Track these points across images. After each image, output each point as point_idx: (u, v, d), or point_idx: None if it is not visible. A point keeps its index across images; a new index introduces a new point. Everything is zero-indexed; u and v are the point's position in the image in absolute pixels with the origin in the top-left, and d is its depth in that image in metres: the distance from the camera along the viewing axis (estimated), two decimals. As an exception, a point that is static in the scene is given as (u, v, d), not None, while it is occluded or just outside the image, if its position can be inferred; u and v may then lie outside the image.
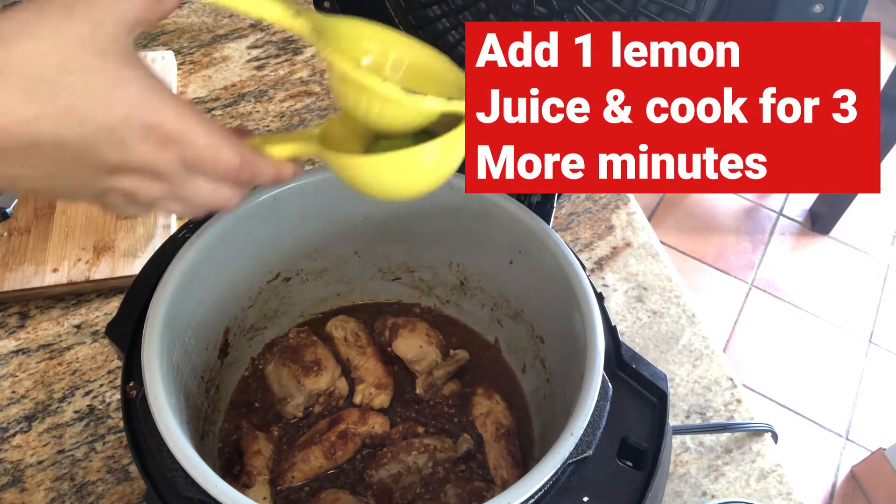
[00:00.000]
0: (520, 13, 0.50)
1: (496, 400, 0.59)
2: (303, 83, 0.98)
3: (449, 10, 0.53)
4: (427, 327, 0.63)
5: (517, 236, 0.55)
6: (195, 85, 0.96)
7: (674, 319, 0.77)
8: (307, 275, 0.62)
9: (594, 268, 0.81)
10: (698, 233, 2.15)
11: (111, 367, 0.68)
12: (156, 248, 0.56)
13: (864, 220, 2.23)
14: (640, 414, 0.46)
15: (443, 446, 0.56)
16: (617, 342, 0.49)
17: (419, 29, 0.55)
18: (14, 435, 0.64)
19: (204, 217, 0.52)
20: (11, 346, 0.69)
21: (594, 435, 0.43)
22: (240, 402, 0.59)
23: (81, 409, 0.66)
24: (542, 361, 0.58)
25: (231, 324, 0.58)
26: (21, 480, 0.61)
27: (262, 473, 0.53)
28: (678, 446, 0.68)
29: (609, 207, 0.88)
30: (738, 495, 0.65)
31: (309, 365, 0.59)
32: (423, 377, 0.60)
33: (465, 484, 0.54)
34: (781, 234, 2.18)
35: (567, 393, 0.49)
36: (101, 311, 0.72)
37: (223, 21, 1.06)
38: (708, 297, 2.00)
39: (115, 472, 0.62)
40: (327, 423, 0.57)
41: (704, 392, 0.72)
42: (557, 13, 0.49)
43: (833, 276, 2.08)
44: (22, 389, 0.66)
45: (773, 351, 1.89)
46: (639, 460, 0.44)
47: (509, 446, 0.56)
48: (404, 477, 0.54)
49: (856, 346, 1.92)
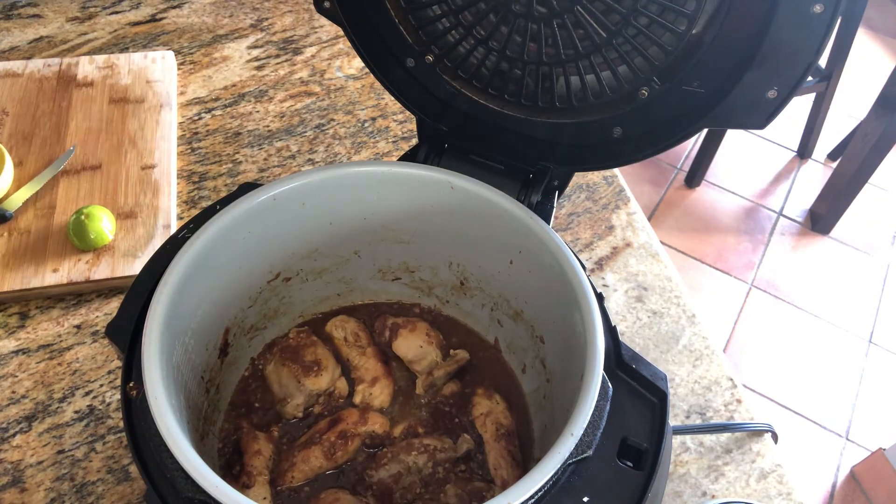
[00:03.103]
0: (520, 13, 0.50)
1: (496, 400, 0.59)
2: (303, 83, 0.98)
3: (449, 10, 0.53)
4: (427, 327, 0.63)
5: (517, 236, 0.55)
6: (195, 85, 0.96)
7: (674, 319, 0.77)
8: (307, 275, 0.62)
9: (594, 268, 0.81)
10: (698, 233, 2.15)
11: (111, 367, 0.68)
12: (156, 248, 0.56)
13: (864, 220, 2.23)
14: (640, 414, 0.46)
15: (443, 446, 0.56)
16: (617, 342, 0.49)
17: (419, 29, 0.55)
18: (14, 435, 0.64)
19: (204, 217, 0.52)
20: (11, 346, 0.69)
21: (594, 435, 0.43)
22: (240, 402, 0.59)
23: (81, 410, 0.66)
24: (542, 361, 0.58)
25: (231, 324, 0.58)
26: (21, 480, 0.61)
27: (262, 473, 0.53)
28: (678, 446, 0.68)
29: (609, 207, 0.88)
30: (738, 495, 0.65)
31: (309, 365, 0.59)
32: (423, 377, 0.60)
33: (465, 484, 0.54)
34: (781, 234, 2.19)
35: (567, 393, 0.49)
36: (101, 311, 0.72)
37: (223, 21, 1.06)
38: (708, 297, 2.00)
39: (115, 472, 0.62)
40: (327, 423, 0.57)
41: (704, 392, 0.72)
42: (558, 13, 0.49)
43: (833, 276, 2.08)
44: (22, 389, 0.66)
45: (773, 351, 1.89)
46: (639, 460, 0.44)
47: (509, 446, 0.56)
48: (404, 477, 0.54)
49: (856, 346, 1.92)
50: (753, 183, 2.32)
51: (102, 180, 0.81)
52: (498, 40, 0.53)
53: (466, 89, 0.57)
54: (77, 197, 0.79)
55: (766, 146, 2.45)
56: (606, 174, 0.92)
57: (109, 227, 0.75)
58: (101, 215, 0.74)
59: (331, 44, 1.04)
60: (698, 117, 0.49)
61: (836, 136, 2.40)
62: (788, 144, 2.45)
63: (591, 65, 0.51)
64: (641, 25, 0.47)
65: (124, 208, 0.78)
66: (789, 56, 0.44)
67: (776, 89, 0.45)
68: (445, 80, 0.57)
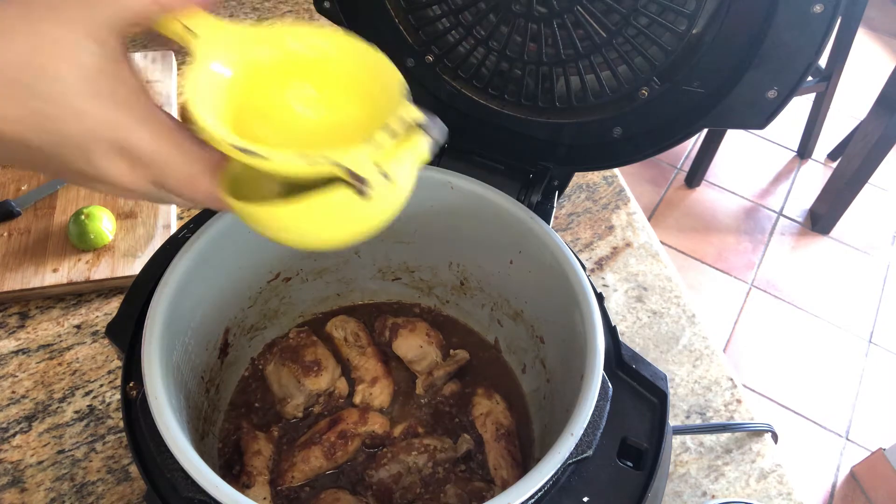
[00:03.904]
0: (520, 13, 0.50)
1: (496, 400, 0.59)
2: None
3: (449, 10, 0.53)
4: (427, 327, 0.63)
5: (517, 236, 0.55)
6: (195, 85, 0.96)
7: (674, 319, 0.77)
8: (307, 275, 0.62)
9: (594, 268, 0.81)
10: (698, 233, 2.15)
11: (111, 367, 0.68)
12: (156, 248, 0.56)
13: (864, 220, 2.23)
14: (640, 414, 0.46)
15: (443, 446, 0.56)
16: (617, 342, 0.49)
17: (419, 29, 0.55)
18: (14, 435, 0.64)
19: (204, 217, 0.52)
20: (11, 346, 0.69)
21: (594, 435, 0.43)
22: (240, 402, 0.59)
23: (81, 409, 0.66)
24: (542, 361, 0.58)
25: (231, 324, 0.58)
26: (21, 480, 0.61)
27: (262, 473, 0.53)
28: (678, 446, 0.68)
29: (609, 207, 0.88)
30: (738, 495, 0.65)
31: (309, 365, 0.59)
32: (423, 377, 0.60)
33: (465, 484, 0.54)
34: (781, 234, 2.19)
35: (567, 393, 0.49)
36: (101, 311, 0.72)
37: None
38: (708, 297, 2.00)
39: (115, 472, 0.62)
40: (327, 423, 0.57)
41: (704, 392, 0.72)
42: (557, 13, 0.49)
43: (833, 276, 2.08)
44: (22, 389, 0.66)
45: (773, 351, 1.89)
46: (639, 460, 0.44)
47: (509, 446, 0.56)
48: (404, 477, 0.54)
49: (856, 346, 1.92)
50: (753, 183, 2.32)
51: (102, 180, 0.81)
52: (498, 40, 0.53)
53: (466, 89, 0.57)
54: (77, 197, 0.79)
55: (766, 146, 2.45)
56: (606, 174, 0.92)
57: (109, 227, 0.75)
58: (101, 215, 0.74)
59: (331, 44, 1.04)
60: (698, 117, 0.49)
61: (836, 136, 2.40)
62: (788, 144, 2.45)
63: (591, 65, 0.51)
64: (641, 25, 0.47)
65: (124, 208, 0.78)
66: (789, 56, 0.44)
67: (776, 89, 0.45)
68: (445, 80, 0.57)
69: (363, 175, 0.30)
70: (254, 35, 0.34)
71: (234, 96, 0.33)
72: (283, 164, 0.30)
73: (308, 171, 0.30)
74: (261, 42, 0.34)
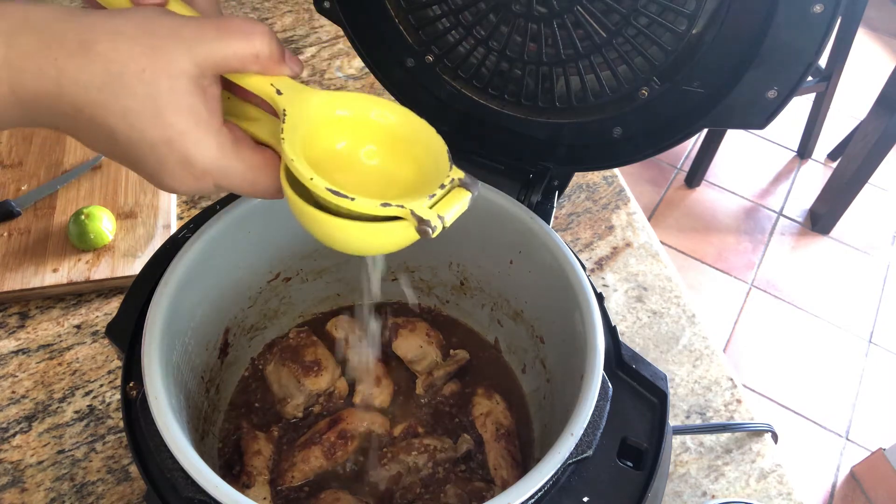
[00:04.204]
0: (520, 13, 0.50)
1: (496, 400, 0.59)
2: (303, 83, 0.98)
3: (449, 10, 0.53)
4: (427, 327, 0.63)
5: (517, 236, 0.55)
6: (195, 85, 0.96)
7: (674, 319, 0.77)
8: (307, 275, 0.62)
9: (594, 268, 0.81)
10: (698, 233, 2.15)
11: (111, 367, 0.68)
12: (156, 248, 0.56)
13: (864, 220, 2.23)
14: (640, 414, 0.46)
15: (443, 446, 0.56)
16: (617, 342, 0.49)
17: (419, 29, 0.55)
18: (14, 435, 0.64)
19: (204, 217, 0.52)
20: (11, 346, 0.69)
21: (594, 435, 0.43)
22: (240, 402, 0.59)
23: (81, 410, 0.66)
24: (542, 361, 0.58)
25: (231, 324, 0.58)
26: (21, 480, 0.61)
27: (262, 473, 0.53)
28: (678, 446, 0.68)
29: (609, 207, 0.88)
30: (738, 495, 0.65)
31: (309, 365, 0.59)
32: (423, 377, 0.60)
33: (465, 484, 0.54)
34: (781, 234, 2.19)
35: (567, 393, 0.49)
36: (101, 311, 0.72)
37: (223, 21, 1.06)
38: (708, 297, 2.00)
39: (115, 472, 0.62)
40: (327, 423, 0.57)
41: (704, 392, 0.72)
42: (557, 13, 0.49)
43: (833, 276, 2.08)
44: (22, 389, 0.66)
45: (773, 351, 1.89)
46: (639, 460, 0.44)
47: (509, 446, 0.56)
48: (404, 477, 0.54)
49: (856, 346, 1.92)
50: (753, 183, 2.32)
51: (102, 180, 0.81)
52: (498, 40, 0.53)
53: (466, 89, 0.57)
54: (77, 197, 0.79)
55: (766, 146, 2.45)
56: (606, 174, 0.92)
57: (109, 227, 0.75)
58: (101, 215, 0.74)
59: (331, 44, 1.04)
60: (698, 117, 0.49)
61: (836, 136, 2.40)
62: (788, 144, 2.45)
63: (591, 65, 0.51)
64: (641, 25, 0.47)
65: (124, 208, 0.78)
66: (789, 56, 0.44)
67: (776, 89, 0.45)
68: (445, 80, 0.57)
69: (427, 219, 0.38)
70: (328, 98, 0.41)
71: (306, 142, 0.39)
72: (363, 207, 0.36)
73: (379, 213, 0.37)
74: (335, 105, 0.41)
